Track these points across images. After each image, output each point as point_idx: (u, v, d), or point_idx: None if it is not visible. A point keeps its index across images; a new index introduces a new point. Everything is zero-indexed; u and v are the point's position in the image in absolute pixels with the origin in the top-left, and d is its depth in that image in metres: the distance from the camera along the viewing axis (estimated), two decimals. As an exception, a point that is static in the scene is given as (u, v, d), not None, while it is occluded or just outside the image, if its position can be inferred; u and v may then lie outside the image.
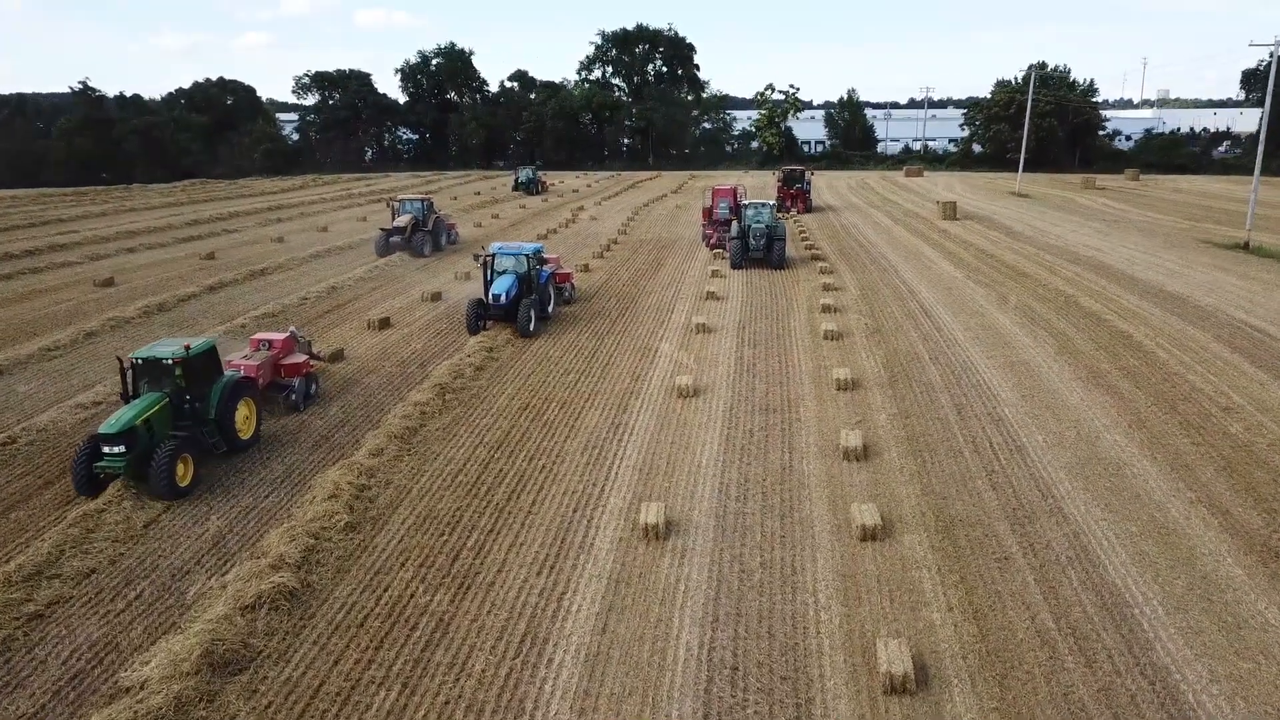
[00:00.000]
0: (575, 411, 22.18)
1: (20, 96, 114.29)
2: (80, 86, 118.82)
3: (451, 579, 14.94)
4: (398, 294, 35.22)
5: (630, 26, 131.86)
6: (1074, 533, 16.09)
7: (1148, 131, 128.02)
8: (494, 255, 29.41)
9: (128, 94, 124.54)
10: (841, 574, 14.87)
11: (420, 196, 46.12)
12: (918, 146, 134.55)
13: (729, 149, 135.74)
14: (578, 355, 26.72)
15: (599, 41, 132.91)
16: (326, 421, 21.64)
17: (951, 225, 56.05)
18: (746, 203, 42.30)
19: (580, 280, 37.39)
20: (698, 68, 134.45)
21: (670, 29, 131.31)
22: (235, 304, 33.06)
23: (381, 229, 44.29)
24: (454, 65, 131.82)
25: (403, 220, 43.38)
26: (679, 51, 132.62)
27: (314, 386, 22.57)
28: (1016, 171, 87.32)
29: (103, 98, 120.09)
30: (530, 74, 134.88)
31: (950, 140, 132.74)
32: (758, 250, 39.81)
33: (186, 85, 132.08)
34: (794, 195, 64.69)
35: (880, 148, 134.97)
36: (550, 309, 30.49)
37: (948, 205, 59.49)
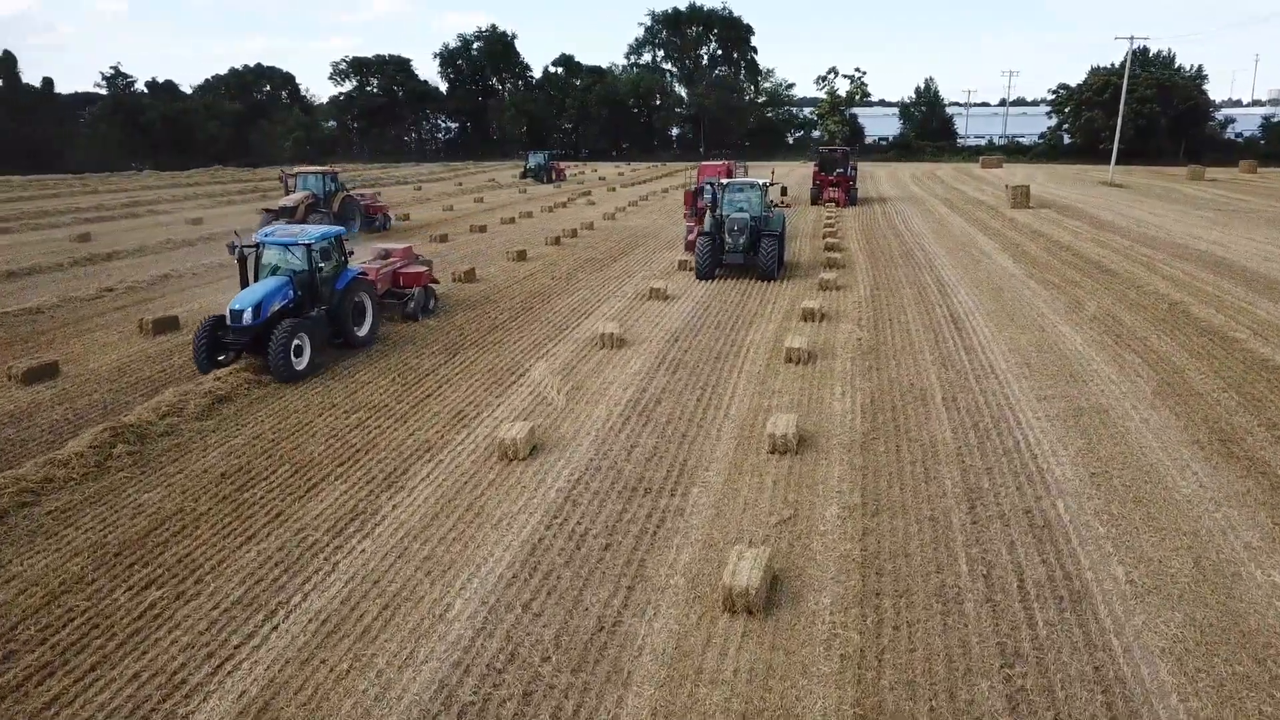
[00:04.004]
0: (308, 484, 13.16)
1: (48, 82, 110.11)
2: (112, 73, 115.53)
3: None
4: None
5: (683, 6, 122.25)
6: None
7: (1266, 120, 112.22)
8: (259, 246, 18.76)
9: (160, 80, 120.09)
10: None
11: (323, 170, 37.27)
12: (1002, 143, 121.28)
13: (790, 139, 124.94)
14: (393, 381, 17.64)
15: (648, 23, 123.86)
16: (-102, 490, 13.04)
17: (1021, 214, 45.32)
18: (726, 182, 29.53)
19: (502, 271, 28.43)
20: (755, 50, 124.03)
21: (725, 8, 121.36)
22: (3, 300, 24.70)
23: (266, 209, 35.35)
24: (495, 49, 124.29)
25: (292, 199, 34.42)
26: (735, 33, 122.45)
27: None
28: (1109, 163, 74.99)
29: (132, 84, 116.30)
30: (576, 58, 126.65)
31: (1040, 136, 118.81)
32: (736, 252, 27.48)
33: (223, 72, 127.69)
34: (835, 183, 51.45)
35: (960, 143, 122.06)
36: (364, 332, 19.82)
37: (1018, 190, 48.71)
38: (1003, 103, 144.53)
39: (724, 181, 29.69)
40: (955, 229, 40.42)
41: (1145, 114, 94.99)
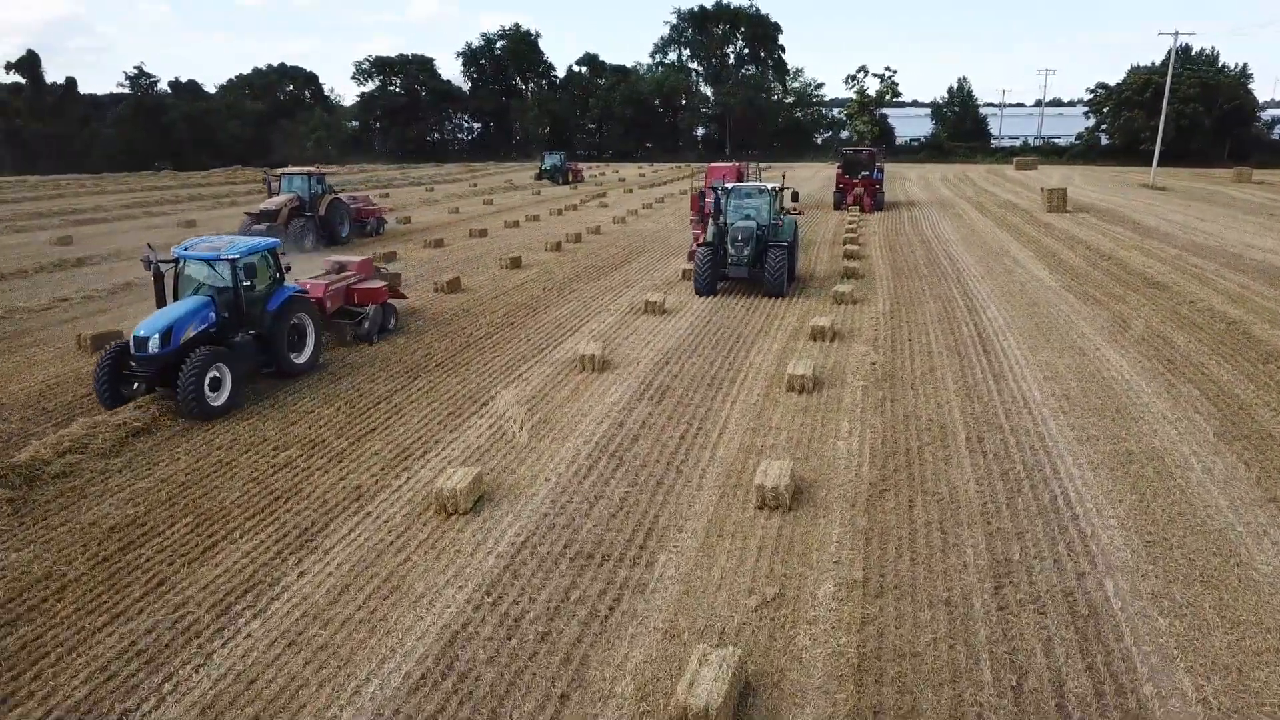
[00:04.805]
0: (207, 541, 11.15)
1: (71, 82, 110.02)
2: (135, 72, 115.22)
3: None
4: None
5: (709, 4, 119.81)
6: None
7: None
8: (179, 261, 16.13)
9: (183, 79, 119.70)
10: None
11: (309, 170, 35.16)
12: (1037, 144, 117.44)
13: (818, 140, 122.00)
14: (338, 412, 15.59)
15: (674, 21, 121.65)
16: None
17: (1057, 219, 42.63)
18: (730, 186, 26.35)
19: (492, 279, 26.40)
20: (783, 49, 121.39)
21: (752, 6, 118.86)
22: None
23: (247, 213, 33.32)
24: (519, 48, 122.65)
25: (275, 202, 32.27)
26: (762, 31, 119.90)
27: None
28: (1150, 165, 71.63)
29: (155, 84, 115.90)
30: (601, 57, 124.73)
31: (1076, 137, 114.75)
32: (740, 265, 24.50)
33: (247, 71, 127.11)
34: (860, 186, 47.87)
35: (994, 144, 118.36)
36: (304, 359, 17.47)
37: (1054, 193, 45.97)
38: (1038, 103, 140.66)
39: (729, 185, 26.57)
40: (986, 235, 37.89)
41: (1188, 114, 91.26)
